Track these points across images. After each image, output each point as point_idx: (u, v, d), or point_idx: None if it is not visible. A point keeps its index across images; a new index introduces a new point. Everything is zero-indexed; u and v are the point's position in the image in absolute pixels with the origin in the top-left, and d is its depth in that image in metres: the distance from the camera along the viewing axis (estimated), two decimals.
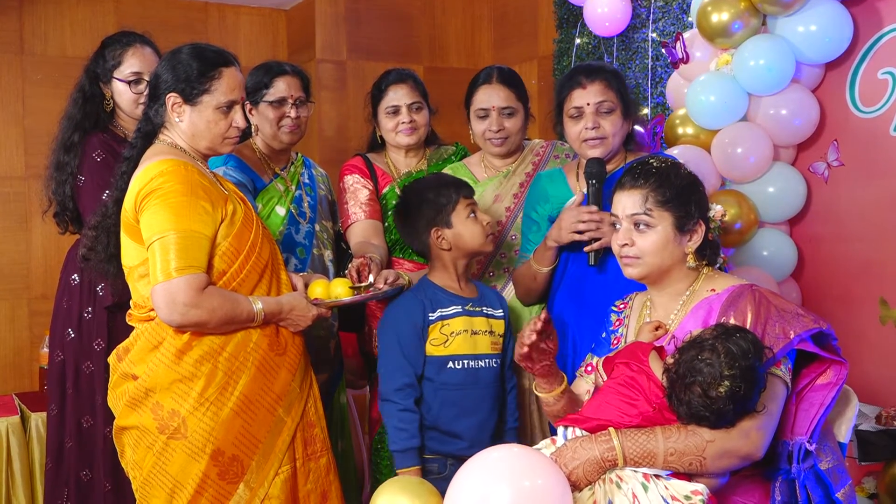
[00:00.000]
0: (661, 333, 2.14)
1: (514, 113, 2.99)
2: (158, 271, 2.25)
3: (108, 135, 3.06)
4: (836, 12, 3.17)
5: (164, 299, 2.25)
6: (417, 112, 3.16)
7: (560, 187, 2.77)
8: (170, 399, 2.31)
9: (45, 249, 4.45)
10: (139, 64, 3.07)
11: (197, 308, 2.25)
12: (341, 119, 4.80)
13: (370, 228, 3.09)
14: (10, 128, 4.43)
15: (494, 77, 3.00)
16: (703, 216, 2.16)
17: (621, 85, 2.69)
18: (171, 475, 2.32)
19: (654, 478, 1.89)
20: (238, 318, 2.33)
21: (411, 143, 3.17)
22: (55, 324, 3.13)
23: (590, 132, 2.62)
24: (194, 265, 2.27)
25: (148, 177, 2.30)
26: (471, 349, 2.63)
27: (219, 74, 2.41)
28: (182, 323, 2.27)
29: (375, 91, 3.21)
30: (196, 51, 2.43)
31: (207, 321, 2.28)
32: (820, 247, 3.42)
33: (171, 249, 2.25)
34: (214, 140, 2.44)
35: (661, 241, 2.13)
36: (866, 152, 3.25)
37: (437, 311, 2.63)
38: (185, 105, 2.40)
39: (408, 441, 2.54)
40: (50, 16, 4.52)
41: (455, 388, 2.61)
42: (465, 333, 2.63)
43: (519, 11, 5.01)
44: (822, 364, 2.05)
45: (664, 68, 3.89)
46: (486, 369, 2.65)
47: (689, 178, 2.19)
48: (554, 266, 2.69)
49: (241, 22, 5.02)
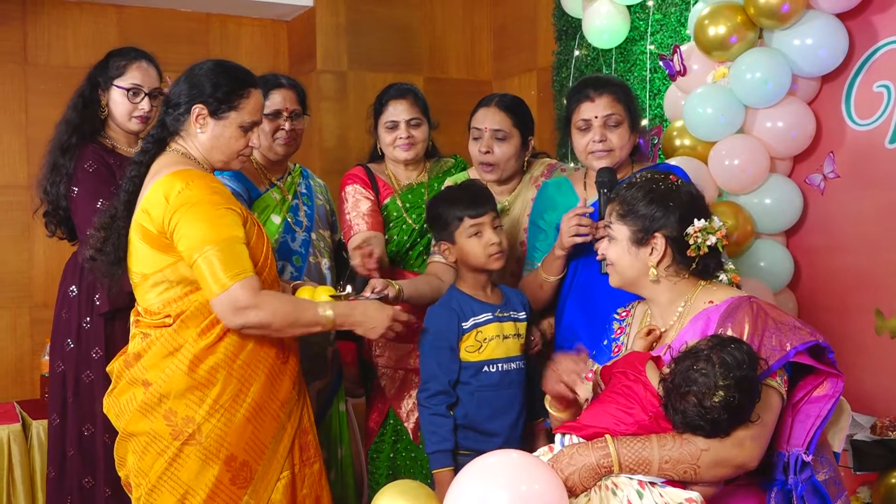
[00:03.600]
0: (653, 338, 2.17)
1: (507, 138, 2.95)
2: (213, 286, 2.29)
3: (98, 146, 3.10)
4: (832, 26, 3.20)
5: (227, 308, 2.29)
6: (416, 128, 3.17)
7: (567, 196, 2.77)
8: (184, 406, 2.33)
9: (46, 258, 4.45)
10: (141, 77, 3.12)
11: (258, 309, 2.30)
12: (342, 129, 4.82)
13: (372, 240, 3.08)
14: (13, 137, 4.45)
15: (495, 101, 3.00)
16: (668, 232, 2.14)
17: (629, 98, 2.71)
18: (184, 481, 2.34)
19: (649, 485, 1.90)
20: (301, 320, 2.38)
21: (408, 159, 3.18)
22: (55, 335, 3.16)
23: (597, 145, 2.64)
24: (242, 271, 2.31)
25: (174, 189, 2.32)
26: (503, 353, 2.70)
27: (248, 94, 2.47)
28: (245, 325, 2.32)
29: (377, 105, 3.22)
30: (227, 67, 2.49)
31: (271, 322, 2.33)
32: (816, 258, 3.44)
33: (215, 263, 2.28)
34: (230, 156, 2.49)
35: (621, 252, 2.19)
36: (862, 164, 3.27)
37: (471, 319, 2.68)
38: (210, 118, 2.44)
39: (439, 444, 2.63)
40: (53, 26, 4.54)
41: (490, 389, 2.69)
42: (498, 339, 2.70)
43: (518, 23, 5.04)
44: (819, 376, 2.06)
45: (662, 80, 3.92)
46: (517, 370, 2.72)
47: (661, 193, 2.16)
48: (562, 276, 2.71)
49: (242, 33, 5.04)
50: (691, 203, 2.17)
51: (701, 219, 2.13)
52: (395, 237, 3.18)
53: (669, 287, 2.19)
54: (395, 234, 3.19)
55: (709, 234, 2.13)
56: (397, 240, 3.18)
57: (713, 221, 2.15)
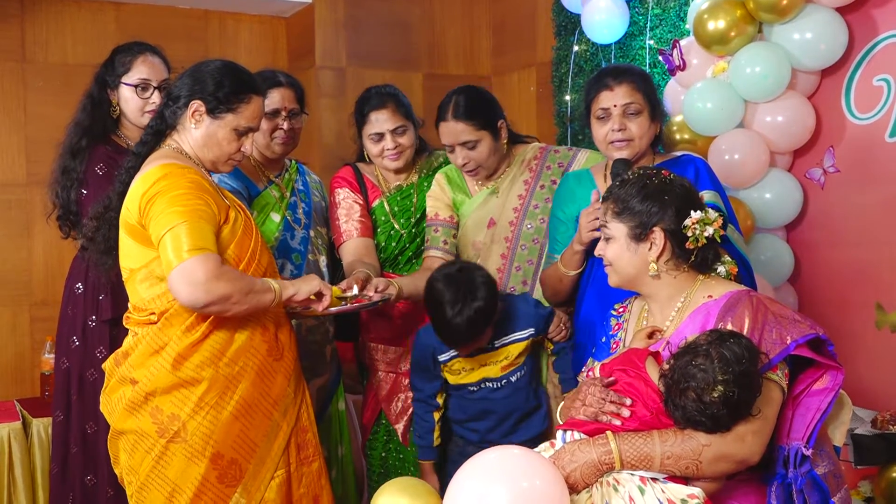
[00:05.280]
0: (654, 340, 2.16)
1: (477, 144, 2.89)
2: (172, 256, 2.23)
3: (112, 147, 3.08)
4: (832, 20, 3.20)
5: (183, 280, 2.22)
6: (402, 135, 3.09)
7: (587, 188, 2.74)
8: (169, 403, 2.33)
9: (46, 256, 4.45)
10: (148, 71, 3.10)
11: (218, 280, 2.23)
12: (341, 126, 4.80)
13: (362, 247, 3.08)
14: (11, 135, 4.44)
15: (450, 113, 2.90)
16: (666, 225, 2.13)
17: (649, 87, 2.68)
18: (171, 479, 2.33)
19: (650, 481, 1.90)
20: (256, 288, 2.32)
21: (399, 167, 3.14)
22: (60, 332, 3.15)
23: (616, 134, 2.61)
24: (206, 247, 2.26)
25: (151, 180, 2.31)
26: (483, 376, 2.76)
27: (249, 100, 2.46)
28: (207, 300, 2.24)
29: (357, 115, 3.15)
30: (233, 69, 2.48)
31: (230, 293, 2.25)
32: (816, 252, 3.44)
33: (181, 236, 2.24)
34: (220, 157, 2.48)
35: (619, 251, 2.18)
36: (862, 158, 3.27)
37: (447, 352, 2.76)
38: (206, 115, 2.43)
39: (420, 440, 2.88)
40: (51, 24, 4.54)
41: (477, 401, 2.79)
42: (474, 369, 2.75)
43: (517, 19, 5.03)
44: (819, 369, 2.05)
45: (661, 75, 3.91)
46: (508, 383, 2.76)
47: (655, 188, 2.15)
48: (581, 270, 2.70)
49: (241, 29, 5.03)
50: (686, 196, 2.16)
51: (697, 210, 2.13)
52: (382, 242, 3.16)
53: (669, 282, 2.18)
54: (383, 240, 3.16)
55: (706, 224, 2.12)
56: (385, 245, 3.16)
57: (709, 213, 2.14)
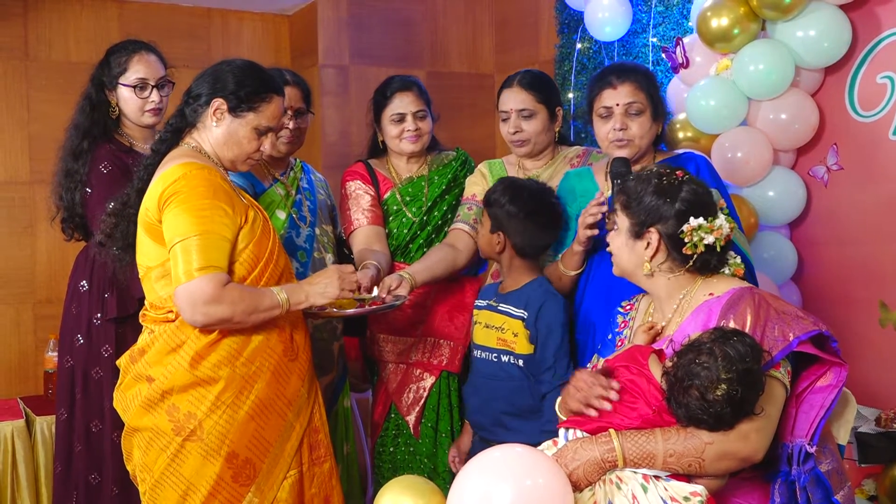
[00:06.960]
0: (654, 334, 2.16)
1: (533, 115, 2.97)
2: (181, 272, 2.27)
3: (115, 145, 3.08)
4: (835, 17, 3.19)
5: (185, 300, 2.26)
6: (422, 120, 3.16)
7: (587, 184, 2.75)
8: (186, 402, 2.33)
9: (49, 254, 4.46)
10: (144, 70, 3.10)
11: (218, 304, 2.26)
12: (344, 124, 4.82)
13: (372, 235, 3.11)
14: (14, 133, 4.45)
15: (516, 81, 3.01)
16: (662, 227, 2.13)
17: (652, 86, 2.68)
18: (185, 477, 2.34)
19: (653, 479, 1.90)
20: (261, 306, 2.33)
21: (415, 151, 3.18)
22: (64, 330, 3.15)
23: (617, 133, 2.61)
24: (215, 265, 2.28)
25: (171, 179, 2.32)
26: (483, 340, 2.81)
27: (270, 99, 2.48)
28: (206, 322, 2.28)
29: (379, 97, 3.20)
30: (256, 69, 2.50)
31: (231, 316, 2.28)
32: (820, 250, 3.44)
33: (192, 251, 2.26)
34: (240, 156, 2.49)
35: (620, 243, 2.20)
36: (865, 156, 3.26)
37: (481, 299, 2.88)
38: (227, 114, 2.44)
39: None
40: (54, 22, 4.54)
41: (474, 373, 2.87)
42: (479, 325, 2.83)
43: (520, 17, 5.03)
44: (822, 366, 2.05)
45: (665, 73, 3.91)
46: (485, 361, 2.80)
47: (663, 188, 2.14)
48: (580, 271, 2.70)
49: (243, 27, 5.03)
50: (692, 200, 2.12)
51: (700, 217, 2.10)
52: (394, 230, 3.19)
53: (665, 282, 2.18)
54: (395, 228, 3.19)
55: (706, 233, 2.09)
56: (397, 233, 3.19)
57: (714, 220, 2.10)
